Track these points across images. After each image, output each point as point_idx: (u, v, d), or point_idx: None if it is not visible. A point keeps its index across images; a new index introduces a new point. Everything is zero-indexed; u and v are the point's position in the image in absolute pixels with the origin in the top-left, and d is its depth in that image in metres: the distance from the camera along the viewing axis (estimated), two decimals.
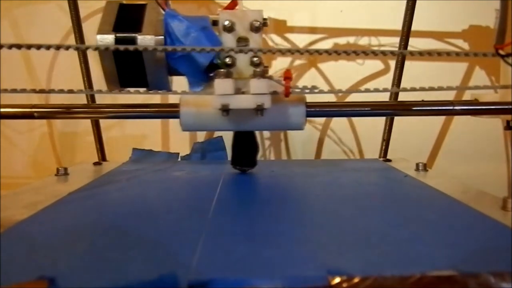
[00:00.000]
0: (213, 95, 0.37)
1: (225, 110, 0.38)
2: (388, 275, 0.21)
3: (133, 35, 0.38)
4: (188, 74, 0.40)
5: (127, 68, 0.39)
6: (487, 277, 0.21)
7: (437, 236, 0.28)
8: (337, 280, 0.21)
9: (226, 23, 0.39)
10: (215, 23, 0.40)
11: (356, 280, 0.21)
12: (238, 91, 0.38)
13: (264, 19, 0.40)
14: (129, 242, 0.27)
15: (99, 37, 0.38)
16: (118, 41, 0.38)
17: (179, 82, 0.42)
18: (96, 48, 0.36)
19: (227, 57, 0.39)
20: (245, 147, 0.46)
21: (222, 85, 0.37)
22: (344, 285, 0.21)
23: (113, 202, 0.38)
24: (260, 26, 0.40)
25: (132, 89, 0.40)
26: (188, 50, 0.36)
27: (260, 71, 0.37)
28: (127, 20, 0.39)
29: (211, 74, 0.39)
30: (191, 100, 0.40)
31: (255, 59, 0.39)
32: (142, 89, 0.40)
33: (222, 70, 0.37)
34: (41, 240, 0.28)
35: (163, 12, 0.40)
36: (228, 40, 0.40)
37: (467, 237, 0.27)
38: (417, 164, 0.50)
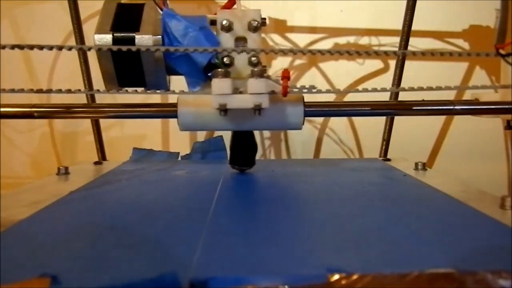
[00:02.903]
0: (211, 94, 0.37)
1: (223, 109, 0.38)
2: (386, 273, 0.22)
3: (131, 34, 0.38)
4: (186, 74, 0.40)
5: (126, 67, 0.39)
6: (484, 275, 0.21)
7: (436, 235, 0.28)
8: (336, 277, 0.21)
9: (224, 22, 0.39)
10: (213, 22, 0.40)
11: (354, 277, 0.21)
12: (236, 91, 0.38)
13: (263, 18, 0.40)
14: (130, 241, 0.27)
15: (96, 36, 0.38)
16: (116, 40, 0.38)
17: (179, 82, 0.42)
18: (99, 49, 0.36)
19: (225, 56, 0.39)
20: (244, 147, 0.46)
21: (220, 84, 0.37)
22: (343, 282, 0.21)
23: (113, 201, 0.38)
24: (258, 25, 0.39)
25: (130, 89, 0.39)
26: (191, 51, 0.36)
27: (258, 70, 0.37)
28: (125, 19, 0.39)
29: (210, 74, 0.39)
30: (189, 100, 0.40)
31: (253, 58, 0.39)
32: (140, 89, 0.40)
33: (220, 69, 0.37)
34: (42, 238, 0.28)
35: (161, 12, 0.40)
36: (226, 40, 0.40)
37: (465, 236, 0.28)
38: (416, 164, 0.51)
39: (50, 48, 0.35)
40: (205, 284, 0.21)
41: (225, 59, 0.39)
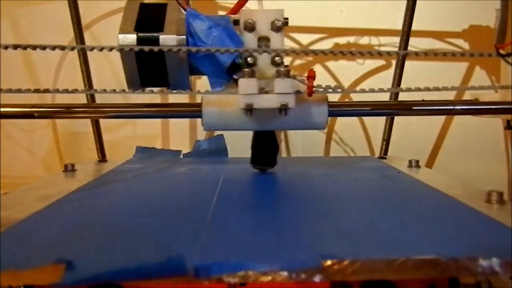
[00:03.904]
0: (237, 94, 0.37)
1: (249, 109, 0.38)
2: (375, 259, 0.23)
3: (156, 34, 0.38)
4: (209, 74, 0.40)
5: (149, 67, 0.39)
6: (465, 261, 0.23)
7: (423, 226, 0.29)
8: (329, 263, 0.23)
9: (248, 22, 0.39)
10: (236, 22, 0.40)
11: (346, 263, 0.23)
12: (261, 90, 0.38)
13: (285, 18, 0.40)
14: (138, 232, 0.29)
15: (121, 36, 0.38)
16: (140, 40, 0.38)
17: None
18: (102, 49, 0.36)
19: (249, 56, 0.39)
20: (266, 147, 0.46)
21: (246, 84, 0.37)
22: (335, 267, 0.23)
23: (120, 196, 0.39)
24: (281, 25, 0.39)
25: (153, 89, 0.40)
26: (222, 52, 0.36)
27: (285, 70, 0.37)
28: (149, 19, 0.39)
29: (235, 76, 0.39)
30: (213, 99, 0.41)
31: (276, 58, 0.39)
32: (156, 89, 0.40)
33: (246, 69, 0.37)
34: (55, 230, 0.29)
35: (184, 12, 0.40)
36: (250, 40, 0.40)
37: (450, 226, 0.29)
38: (410, 161, 0.52)
39: (63, 48, 0.35)
40: (209, 269, 0.23)
41: (248, 59, 0.39)
